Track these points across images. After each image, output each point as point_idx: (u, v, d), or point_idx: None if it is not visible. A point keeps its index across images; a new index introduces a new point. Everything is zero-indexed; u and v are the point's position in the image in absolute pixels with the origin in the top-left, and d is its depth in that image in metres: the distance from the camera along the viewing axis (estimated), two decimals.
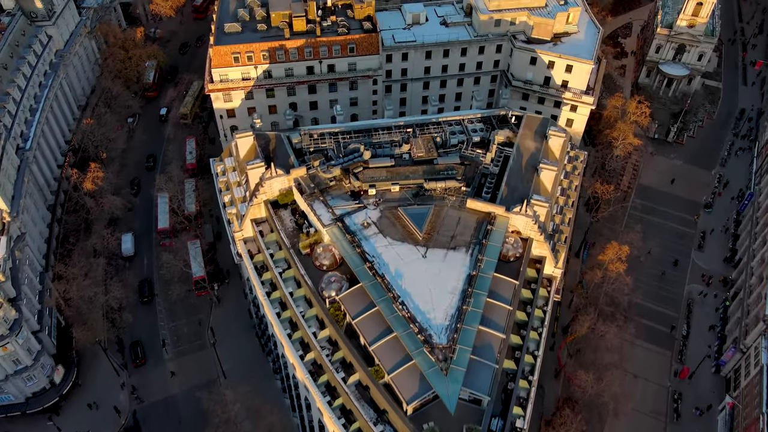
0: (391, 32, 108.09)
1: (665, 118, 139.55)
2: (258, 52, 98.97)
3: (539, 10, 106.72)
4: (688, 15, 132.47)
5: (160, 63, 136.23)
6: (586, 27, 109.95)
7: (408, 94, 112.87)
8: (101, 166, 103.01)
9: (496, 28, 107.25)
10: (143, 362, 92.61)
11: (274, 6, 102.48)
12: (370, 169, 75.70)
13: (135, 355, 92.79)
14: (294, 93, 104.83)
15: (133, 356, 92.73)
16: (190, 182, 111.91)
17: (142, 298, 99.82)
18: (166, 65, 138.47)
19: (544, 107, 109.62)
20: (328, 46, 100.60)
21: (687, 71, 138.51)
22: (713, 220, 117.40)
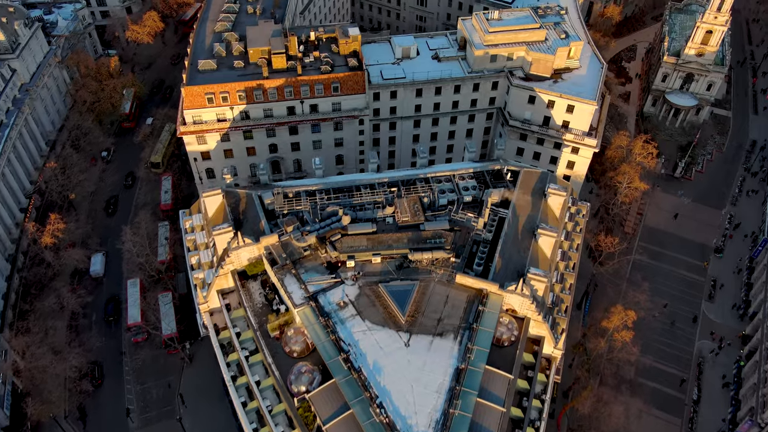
0: (379, 68, 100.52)
1: (672, 150, 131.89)
2: (234, 92, 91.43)
3: (538, 44, 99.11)
4: (696, 44, 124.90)
5: (137, 92, 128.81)
6: (588, 61, 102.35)
7: (398, 132, 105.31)
8: (61, 218, 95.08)
9: (491, 64, 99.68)
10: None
11: (252, 41, 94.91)
12: (349, 236, 68.07)
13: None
14: (274, 134, 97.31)
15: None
16: (164, 226, 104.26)
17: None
18: (144, 94, 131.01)
19: (544, 148, 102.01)
20: (310, 85, 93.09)
21: (695, 101, 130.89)
22: (725, 267, 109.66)
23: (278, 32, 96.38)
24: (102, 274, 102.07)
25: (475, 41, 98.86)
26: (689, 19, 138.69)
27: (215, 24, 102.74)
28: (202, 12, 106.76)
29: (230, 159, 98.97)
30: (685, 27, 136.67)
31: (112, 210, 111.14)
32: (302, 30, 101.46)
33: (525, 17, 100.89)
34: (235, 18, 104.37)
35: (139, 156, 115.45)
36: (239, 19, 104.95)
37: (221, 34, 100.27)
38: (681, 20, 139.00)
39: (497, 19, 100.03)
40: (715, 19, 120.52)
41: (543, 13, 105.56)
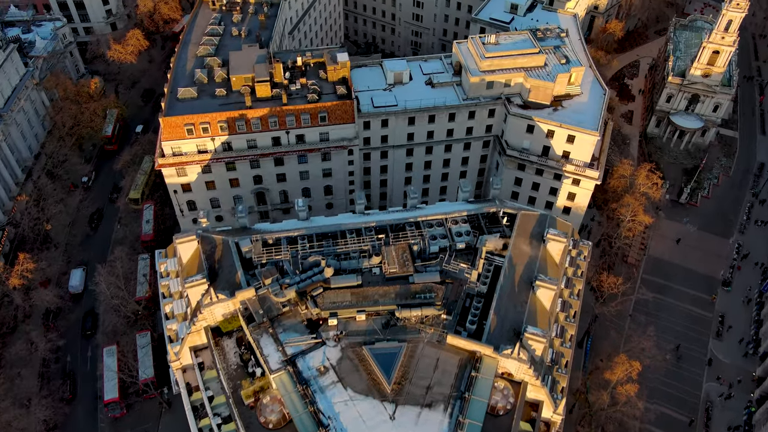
0: (370, 94, 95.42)
1: (677, 174, 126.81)
2: (215, 122, 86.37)
3: (537, 70, 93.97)
4: (702, 64, 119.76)
5: (120, 113, 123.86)
6: (590, 87, 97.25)
7: (389, 161, 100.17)
8: (31, 257, 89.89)
9: (488, 91, 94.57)
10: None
11: (235, 68, 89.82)
12: (331, 290, 62.95)
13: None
14: (258, 165, 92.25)
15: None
16: (144, 259, 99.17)
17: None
18: (126, 115, 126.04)
19: (543, 178, 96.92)
20: (296, 115, 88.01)
21: (701, 123, 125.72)
22: (733, 301, 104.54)
23: (263, 58, 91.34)
24: (81, 290, 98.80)
25: (470, 67, 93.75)
26: (695, 36, 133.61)
27: (197, 48, 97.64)
28: (184, 34, 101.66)
29: (212, 191, 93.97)
30: (690, 45, 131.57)
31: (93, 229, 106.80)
32: (289, 55, 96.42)
33: (523, 41, 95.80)
34: (219, 41, 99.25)
35: (119, 184, 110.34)
36: (223, 42, 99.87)
37: (203, 59, 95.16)
38: (686, 38, 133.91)
39: (494, 44, 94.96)
40: (722, 40, 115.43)
41: (542, 36, 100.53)
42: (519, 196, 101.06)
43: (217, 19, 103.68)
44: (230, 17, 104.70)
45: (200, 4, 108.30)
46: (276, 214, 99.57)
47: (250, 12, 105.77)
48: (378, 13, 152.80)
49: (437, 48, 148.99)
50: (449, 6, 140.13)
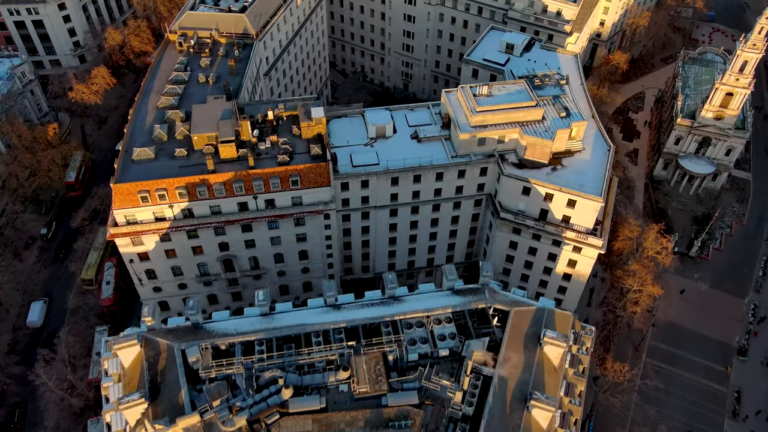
0: (349, 150, 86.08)
1: (686, 222, 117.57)
2: (172, 189, 77.09)
3: (535, 125, 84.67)
4: (714, 106, 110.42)
5: (85, 157, 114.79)
6: (593, 141, 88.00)
7: (371, 222, 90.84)
8: None
9: (480, 148, 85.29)
10: None
11: (198, 126, 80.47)
12: (290, 416, 53.61)
13: None
14: (224, 232, 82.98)
15: None
16: (101, 332, 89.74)
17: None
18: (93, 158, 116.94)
19: (541, 244, 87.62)
20: (264, 179, 78.71)
21: (712, 168, 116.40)
22: (750, 373, 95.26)
23: (229, 113, 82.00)
24: (40, 324, 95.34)
25: (460, 122, 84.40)
26: (704, 71, 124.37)
27: (159, 98, 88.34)
28: (145, 81, 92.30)
29: (173, 259, 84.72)
30: (700, 81, 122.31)
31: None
32: (259, 107, 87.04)
33: (519, 92, 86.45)
34: (183, 89, 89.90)
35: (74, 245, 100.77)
36: (188, 90, 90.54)
37: (165, 112, 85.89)
38: (695, 73, 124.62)
39: (486, 95, 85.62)
40: (736, 81, 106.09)
41: (540, 83, 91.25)
42: (514, 260, 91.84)
43: (183, 63, 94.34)
44: (198, 60, 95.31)
45: (166, 45, 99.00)
46: (246, 281, 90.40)
47: (220, 54, 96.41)
48: (366, 42, 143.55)
49: (429, 79, 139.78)
50: (441, 38, 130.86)
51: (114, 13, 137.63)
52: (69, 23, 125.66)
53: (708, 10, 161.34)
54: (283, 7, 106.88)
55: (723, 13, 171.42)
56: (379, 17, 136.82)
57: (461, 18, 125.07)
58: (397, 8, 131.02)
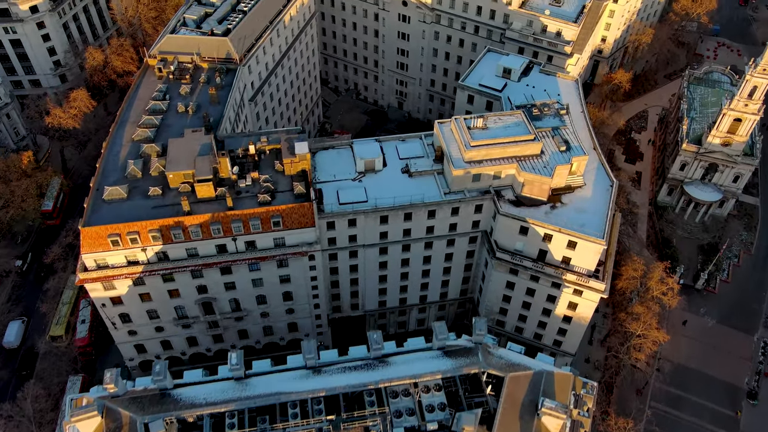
0: (336, 186, 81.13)
1: (692, 251, 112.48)
2: (145, 231, 72.10)
3: (533, 160, 79.68)
4: (722, 132, 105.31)
5: (63, 185, 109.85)
6: (595, 176, 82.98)
7: (360, 261, 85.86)
8: None
9: (474, 184, 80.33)
10: None
11: (173, 162, 75.51)
12: None
13: None
14: (201, 275, 77.99)
15: None
16: (74, 381, 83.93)
17: None
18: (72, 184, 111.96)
19: (539, 285, 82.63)
20: (244, 220, 73.74)
21: (719, 195, 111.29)
22: (761, 418, 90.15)
23: (207, 148, 77.02)
24: (17, 345, 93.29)
25: (453, 156, 79.39)
26: (711, 93, 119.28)
27: (135, 130, 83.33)
28: (121, 110, 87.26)
29: (148, 302, 79.74)
30: (706, 103, 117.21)
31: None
32: (240, 141, 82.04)
33: (516, 124, 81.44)
34: (161, 120, 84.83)
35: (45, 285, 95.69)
36: (166, 120, 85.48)
37: (140, 145, 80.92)
38: (701, 94, 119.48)
39: (481, 128, 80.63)
40: (745, 107, 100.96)
41: (539, 113, 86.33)
42: (511, 299, 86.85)
43: (161, 91, 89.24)
44: (178, 87, 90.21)
45: (145, 71, 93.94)
46: (227, 323, 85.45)
47: (201, 81, 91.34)
48: (360, 59, 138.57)
49: (424, 98, 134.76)
50: (436, 56, 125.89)
51: (97, 30, 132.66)
52: (48, 42, 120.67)
53: (713, 24, 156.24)
54: (270, 28, 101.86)
55: (728, 26, 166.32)
56: (372, 34, 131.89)
57: (457, 37, 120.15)
58: (391, 26, 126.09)
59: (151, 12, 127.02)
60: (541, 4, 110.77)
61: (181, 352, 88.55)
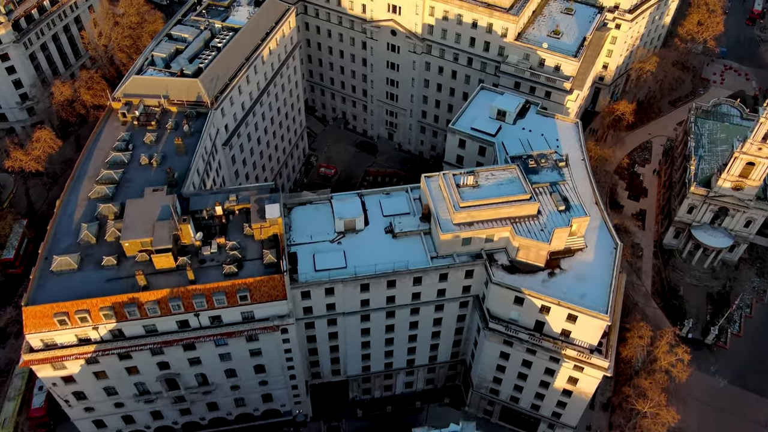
0: (313, 249, 73.76)
1: (700, 300, 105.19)
2: (95, 310, 64.67)
3: (528, 222, 72.20)
4: (733, 176, 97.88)
5: (27, 232, 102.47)
6: (597, 236, 75.65)
7: (340, 328, 78.54)
8: None
9: (464, 248, 72.96)
10: None
11: (130, 229, 67.95)
12: None
13: None
14: (162, 352, 70.57)
15: None
16: None
17: None
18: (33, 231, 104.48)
19: (537, 358, 75.25)
20: (207, 295, 66.34)
21: (730, 241, 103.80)
22: None
23: (168, 211, 69.38)
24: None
25: (441, 218, 71.90)
26: (720, 128, 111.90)
27: (92, 186, 75.83)
28: (78, 163, 79.78)
29: (105, 380, 72.35)
30: (715, 140, 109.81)
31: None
32: (207, 200, 74.35)
33: (510, 181, 73.98)
34: (122, 175, 77.22)
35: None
36: (128, 174, 77.90)
37: (96, 204, 73.47)
38: (709, 129, 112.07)
39: (472, 186, 73.16)
40: (759, 151, 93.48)
41: (535, 165, 78.83)
42: (506, 369, 79.54)
43: (124, 140, 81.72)
44: (143, 135, 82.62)
45: (108, 116, 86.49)
46: (195, 397, 78.12)
47: (169, 127, 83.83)
48: (347, 87, 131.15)
49: (415, 129, 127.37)
50: (428, 87, 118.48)
51: (69, 59, 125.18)
52: (14, 74, 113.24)
53: (719, 48, 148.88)
54: (246, 65, 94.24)
55: (735, 48, 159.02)
56: (360, 62, 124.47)
57: (449, 68, 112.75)
58: (380, 55, 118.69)
59: (126, 40, 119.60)
60: (538, 36, 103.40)
61: (145, 426, 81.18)
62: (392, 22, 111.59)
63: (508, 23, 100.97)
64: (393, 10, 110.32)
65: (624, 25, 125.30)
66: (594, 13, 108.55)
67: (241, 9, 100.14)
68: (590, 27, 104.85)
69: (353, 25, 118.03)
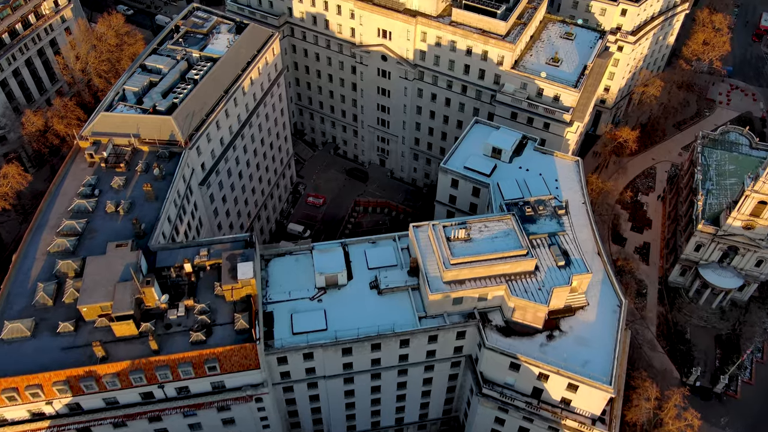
0: (291, 307, 67.91)
1: (708, 343, 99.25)
2: (48, 385, 58.79)
3: (525, 279, 66.34)
4: (744, 215, 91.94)
5: None
6: (600, 292, 69.75)
7: (321, 391, 72.52)
8: None
9: (456, 307, 67.08)
10: None
11: (88, 291, 62.02)
12: None
13: None
14: (125, 425, 64.57)
15: None
16: None
17: None
18: None
19: (534, 426, 69.24)
20: (171, 366, 60.41)
21: (740, 281, 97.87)
22: None
23: (129, 270, 63.48)
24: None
25: (430, 275, 66.00)
26: (728, 159, 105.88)
27: (52, 237, 69.84)
28: (39, 212, 73.71)
29: None
30: (723, 173, 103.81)
31: None
32: (175, 255, 68.43)
33: (505, 234, 68.09)
34: (85, 225, 71.22)
35: None
36: (92, 223, 71.84)
37: (55, 259, 67.53)
38: (717, 160, 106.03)
39: (464, 240, 67.28)
40: None
41: (533, 213, 73.03)
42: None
43: (90, 184, 75.69)
44: (110, 178, 76.64)
45: (75, 156, 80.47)
46: None
47: (138, 170, 77.90)
48: (337, 112, 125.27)
49: (408, 157, 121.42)
50: (420, 114, 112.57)
51: (44, 84, 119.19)
52: None
53: (725, 70, 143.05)
54: (225, 98, 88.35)
55: (741, 67, 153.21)
56: (350, 87, 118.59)
57: (443, 95, 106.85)
58: (370, 80, 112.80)
59: (104, 64, 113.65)
60: (536, 64, 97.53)
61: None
62: (382, 47, 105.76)
63: (504, 51, 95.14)
64: (383, 35, 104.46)
65: (627, 47, 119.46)
66: (595, 38, 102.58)
67: (220, 36, 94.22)
68: (591, 54, 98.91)
69: (342, 48, 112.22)
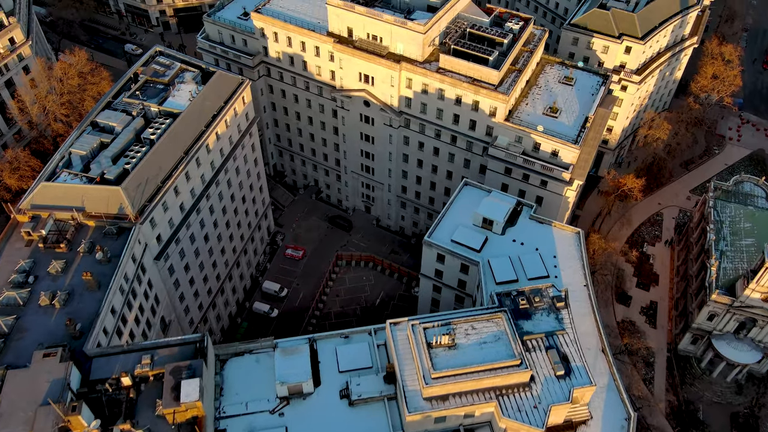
0: (247, 423, 58.72)
1: (723, 421, 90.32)
2: None
3: (518, 394, 57.08)
4: (764, 287, 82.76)
5: None
6: (605, 402, 60.56)
7: None
8: None
9: (438, 425, 57.84)
10: None
11: (4, 420, 52.70)
12: None
13: None
14: None
15: None
16: None
17: None
18: None
19: None
20: None
21: (758, 355, 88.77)
22: None
23: (57, 389, 54.21)
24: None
25: (408, 389, 56.79)
26: (744, 214, 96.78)
27: None
28: None
29: None
30: (738, 231, 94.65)
31: None
32: (113, 363, 59.18)
33: (495, 339, 58.86)
34: (13, 323, 61.92)
35: None
36: (23, 319, 62.48)
37: None
38: (731, 216, 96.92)
39: (447, 347, 58.11)
40: None
41: (527, 306, 63.96)
42: None
43: (24, 269, 66.59)
44: (48, 262, 67.39)
45: (10, 233, 71.27)
46: None
47: (81, 251, 68.72)
48: (319, 156, 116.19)
49: (395, 204, 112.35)
50: (407, 162, 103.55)
51: (1, 129, 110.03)
52: None
53: (736, 106, 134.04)
54: (185, 159, 79.24)
55: (752, 98, 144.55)
56: (331, 131, 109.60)
57: (431, 144, 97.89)
58: (352, 125, 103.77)
59: (63, 108, 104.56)
60: (533, 114, 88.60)
61: None
62: (364, 92, 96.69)
63: (497, 102, 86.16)
64: (365, 80, 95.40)
65: (631, 87, 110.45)
66: (597, 83, 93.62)
67: (183, 87, 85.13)
68: (593, 102, 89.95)
69: (321, 91, 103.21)
